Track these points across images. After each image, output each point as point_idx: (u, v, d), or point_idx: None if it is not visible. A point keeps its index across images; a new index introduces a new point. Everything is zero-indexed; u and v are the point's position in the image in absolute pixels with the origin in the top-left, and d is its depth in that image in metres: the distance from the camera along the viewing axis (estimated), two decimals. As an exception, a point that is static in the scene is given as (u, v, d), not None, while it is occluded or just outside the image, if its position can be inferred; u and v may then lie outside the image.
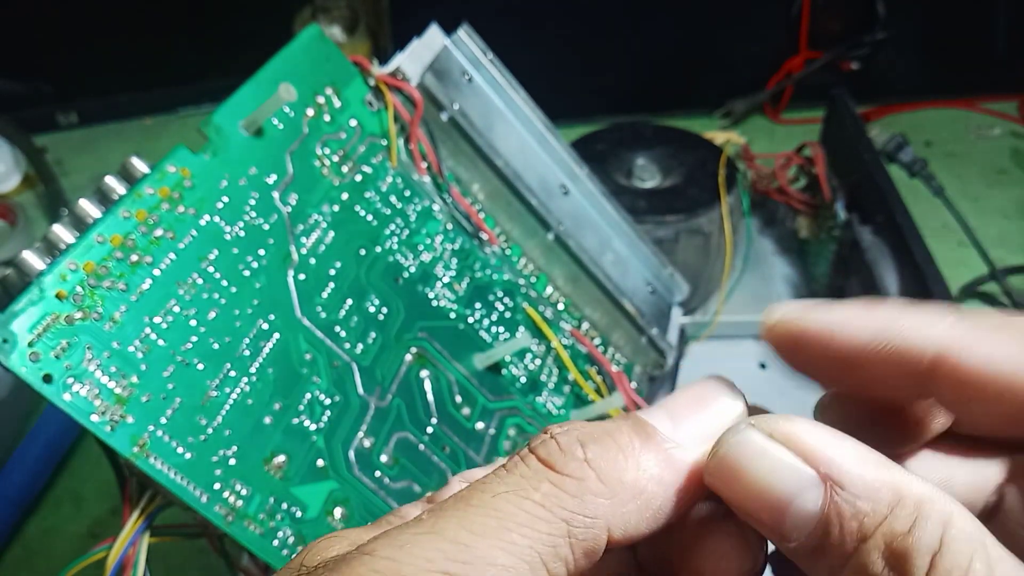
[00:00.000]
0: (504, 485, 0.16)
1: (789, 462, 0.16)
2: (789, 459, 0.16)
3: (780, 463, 0.16)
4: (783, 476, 0.16)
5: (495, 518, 0.15)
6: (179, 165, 0.33)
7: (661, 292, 0.59)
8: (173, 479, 0.30)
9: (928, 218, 0.72)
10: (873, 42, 0.85)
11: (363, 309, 0.40)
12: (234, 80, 0.36)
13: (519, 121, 0.50)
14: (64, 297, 0.28)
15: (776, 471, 0.16)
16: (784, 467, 0.16)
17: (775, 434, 0.16)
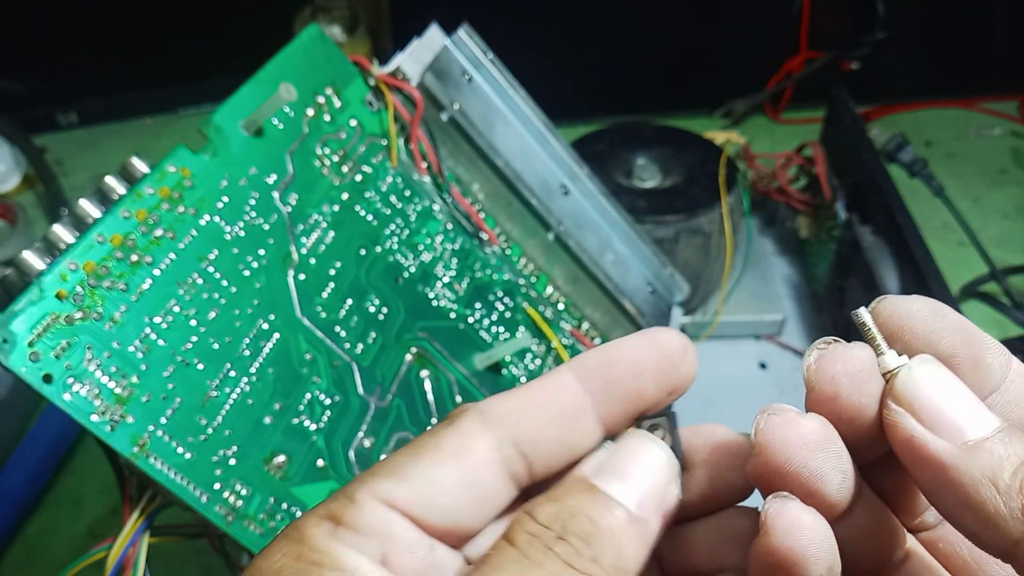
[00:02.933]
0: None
1: (971, 392, 0.18)
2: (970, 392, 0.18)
3: (967, 390, 0.18)
4: (970, 396, 0.18)
5: None
6: (179, 165, 0.33)
7: (661, 292, 0.59)
8: (173, 479, 0.30)
9: (928, 218, 0.72)
10: (873, 42, 0.85)
11: (363, 309, 0.40)
12: (234, 80, 0.36)
13: (519, 121, 0.50)
14: (64, 297, 0.28)
15: (964, 391, 0.18)
16: (971, 392, 0.18)
17: None
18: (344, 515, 0.19)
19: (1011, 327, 0.61)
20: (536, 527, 0.18)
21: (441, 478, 0.20)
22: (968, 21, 0.90)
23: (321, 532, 0.19)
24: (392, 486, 0.20)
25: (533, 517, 0.19)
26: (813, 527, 0.18)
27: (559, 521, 0.18)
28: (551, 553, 0.18)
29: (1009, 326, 0.61)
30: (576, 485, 0.20)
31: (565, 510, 0.19)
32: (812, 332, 0.68)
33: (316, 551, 0.19)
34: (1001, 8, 0.88)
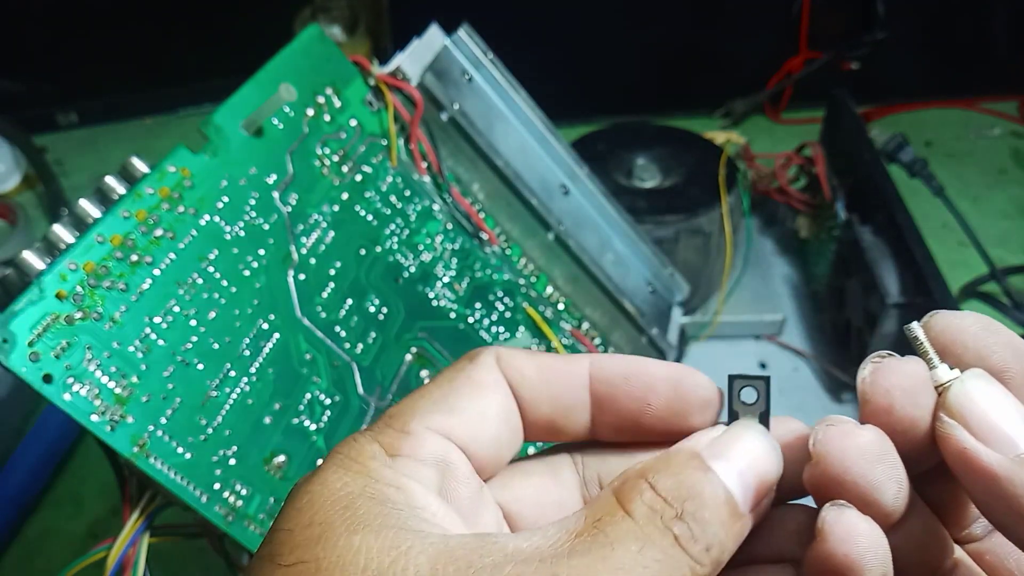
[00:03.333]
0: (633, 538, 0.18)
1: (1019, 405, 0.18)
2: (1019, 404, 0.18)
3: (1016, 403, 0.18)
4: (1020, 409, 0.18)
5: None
6: (179, 165, 0.33)
7: (661, 292, 0.59)
8: (173, 479, 0.30)
9: (928, 218, 0.72)
10: (873, 42, 0.85)
11: (363, 309, 0.40)
12: (234, 80, 0.36)
13: (519, 121, 0.50)
14: (64, 297, 0.28)
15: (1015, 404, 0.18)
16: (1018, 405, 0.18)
17: None
18: (402, 446, 0.20)
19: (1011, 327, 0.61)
20: (656, 500, 0.18)
21: (486, 409, 0.21)
22: (968, 21, 0.90)
23: (383, 464, 0.19)
24: (443, 418, 0.20)
25: (654, 487, 0.18)
26: (869, 535, 0.18)
27: (679, 499, 0.18)
28: (669, 533, 0.18)
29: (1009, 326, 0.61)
30: (692, 461, 0.19)
31: (685, 488, 0.18)
32: (812, 332, 0.68)
33: (384, 483, 0.19)
34: (1001, 8, 0.88)
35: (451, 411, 0.21)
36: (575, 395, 0.22)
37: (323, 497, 0.18)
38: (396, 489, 0.19)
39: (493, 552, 0.17)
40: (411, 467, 0.19)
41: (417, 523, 0.18)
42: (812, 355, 0.66)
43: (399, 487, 0.19)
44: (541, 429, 0.22)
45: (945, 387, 0.19)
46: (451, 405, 0.21)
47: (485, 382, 0.21)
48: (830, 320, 0.66)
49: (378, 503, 0.18)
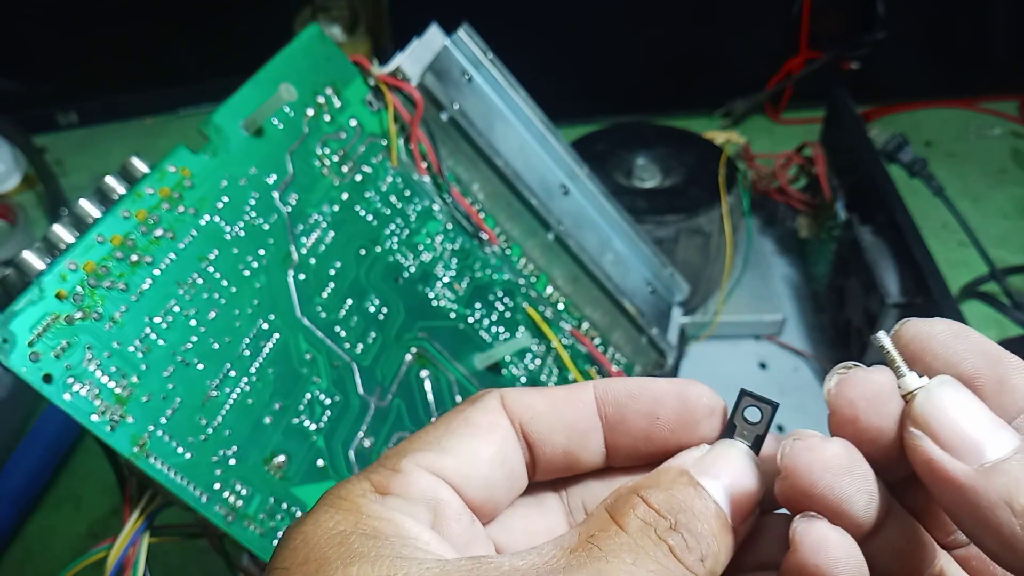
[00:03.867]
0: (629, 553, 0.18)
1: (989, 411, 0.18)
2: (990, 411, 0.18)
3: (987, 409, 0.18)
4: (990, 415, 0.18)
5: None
6: (179, 165, 0.33)
7: (661, 292, 0.59)
8: (173, 479, 0.30)
9: (928, 218, 0.72)
10: (873, 42, 0.85)
11: (363, 309, 0.40)
12: (234, 80, 0.36)
13: (519, 121, 0.50)
14: (64, 297, 0.28)
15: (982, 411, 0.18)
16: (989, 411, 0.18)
17: None
18: (391, 484, 0.20)
19: (1011, 327, 0.61)
20: (649, 513, 0.18)
21: (479, 450, 0.21)
22: (968, 21, 0.90)
23: (372, 501, 0.19)
24: (435, 457, 0.20)
25: (646, 501, 0.19)
26: (839, 545, 0.18)
27: (672, 511, 0.18)
28: (663, 545, 0.18)
29: (1009, 326, 0.61)
30: (681, 477, 0.20)
31: (676, 501, 0.19)
32: (812, 332, 0.68)
33: (375, 518, 0.19)
34: (1001, 8, 0.88)
35: (443, 451, 0.21)
36: (587, 421, 0.22)
37: (316, 536, 0.18)
38: (387, 522, 0.19)
39: (490, 571, 0.17)
40: (401, 504, 0.19)
41: (411, 551, 0.18)
42: (812, 355, 0.66)
43: (389, 520, 0.19)
44: (559, 462, 0.22)
45: (911, 395, 0.19)
46: (443, 446, 0.21)
47: (480, 424, 0.21)
48: (830, 320, 0.66)
49: (370, 537, 0.18)
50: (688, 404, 0.22)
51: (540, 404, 0.22)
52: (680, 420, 0.22)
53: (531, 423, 0.22)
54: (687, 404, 0.22)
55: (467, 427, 0.21)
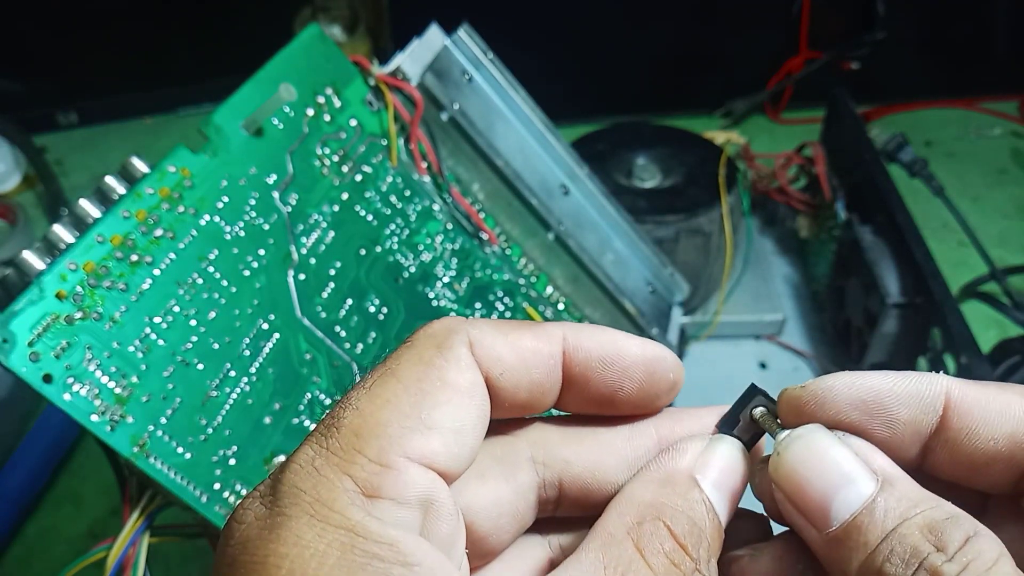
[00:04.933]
0: None
1: (849, 457, 0.18)
2: (849, 455, 0.18)
3: (843, 457, 0.18)
4: (842, 468, 0.18)
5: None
6: (179, 165, 0.33)
7: (661, 292, 0.59)
8: (173, 479, 0.30)
9: (928, 218, 0.72)
10: (873, 42, 0.85)
11: (363, 309, 0.40)
12: (234, 80, 0.36)
13: (519, 121, 0.50)
14: (64, 297, 0.28)
15: (837, 463, 0.18)
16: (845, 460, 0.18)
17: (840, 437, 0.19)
18: (382, 485, 0.17)
19: (1011, 327, 0.61)
20: (676, 551, 0.18)
21: (464, 420, 0.19)
22: (968, 21, 0.90)
23: (363, 512, 0.16)
24: (423, 441, 0.18)
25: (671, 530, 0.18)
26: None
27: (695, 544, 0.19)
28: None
29: (1009, 326, 0.61)
30: (691, 492, 0.19)
31: (697, 530, 0.19)
32: (812, 332, 0.68)
33: (371, 540, 0.16)
34: (1001, 8, 0.88)
35: (429, 428, 0.18)
36: (552, 378, 0.21)
37: (303, 563, 0.15)
38: (386, 546, 0.16)
39: None
40: (395, 512, 0.17)
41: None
42: (812, 355, 0.66)
43: (391, 543, 0.16)
44: (514, 411, 0.21)
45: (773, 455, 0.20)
46: (427, 420, 0.18)
47: (459, 386, 0.19)
48: (830, 320, 0.66)
49: (365, 568, 0.16)
50: (655, 380, 0.21)
51: (509, 357, 0.20)
52: (643, 394, 0.21)
53: (500, 379, 0.20)
54: (654, 380, 0.21)
55: (446, 391, 0.18)
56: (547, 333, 0.21)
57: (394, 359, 0.19)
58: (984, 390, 0.19)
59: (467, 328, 0.20)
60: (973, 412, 0.19)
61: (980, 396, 0.19)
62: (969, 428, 0.19)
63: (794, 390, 0.20)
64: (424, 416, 0.18)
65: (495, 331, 0.20)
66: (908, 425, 0.19)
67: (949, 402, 0.19)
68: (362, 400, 0.18)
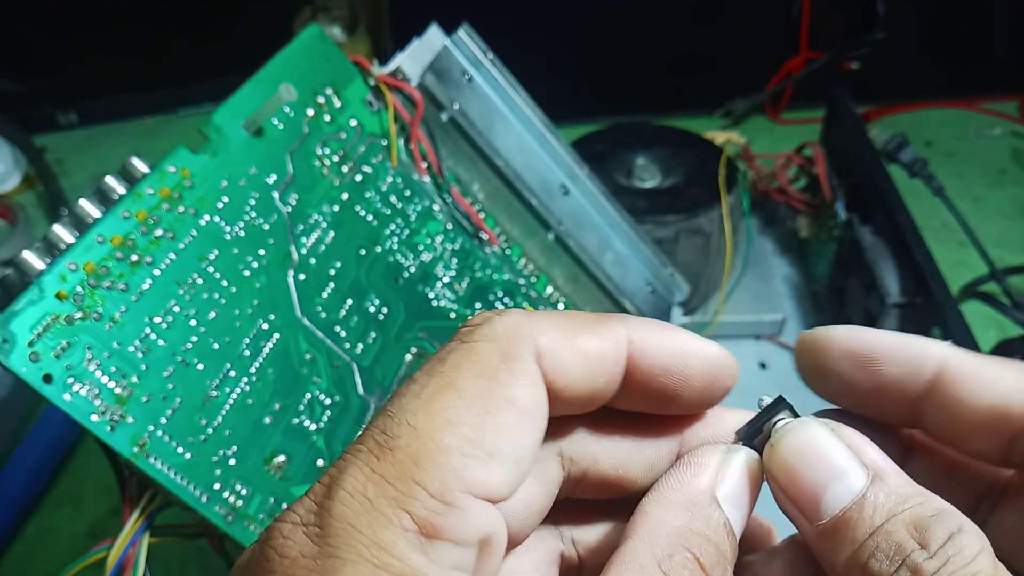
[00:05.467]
0: None
1: (842, 450, 0.19)
2: (841, 448, 0.19)
3: (835, 449, 0.19)
4: (834, 460, 0.18)
5: None
6: (179, 165, 0.33)
7: (661, 292, 0.59)
8: (173, 479, 0.30)
9: (928, 218, 0.72)
10: (873, 42, 0.85)
11: (363, 309, 0.40)
12: (234, 80, 0.36)
13: (519, 121, 0.50)
14: (64, 297, 0.28)
15: (829, 455, 0.19)
16: (837, 453, 0.19)
17: (834, 428, 0.19)
18: (444, 527, 0.15)
19: (1011, 327, 0.61)
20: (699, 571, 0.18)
21: (526, 446, 0.17)
22: (968, 21, 0.90)
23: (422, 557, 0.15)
24: (486, 474, 0.16)
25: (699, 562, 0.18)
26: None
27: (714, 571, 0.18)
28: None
29: (1009, 326, 0.61)
30: (714, 513, 0.19)
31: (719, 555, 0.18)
32: (812, 332, 0.68)
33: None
34: (1001, 8, 0.88)
35: (491, 457, 0.16)
36: (612, 384, 0.20)
37: None
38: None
39: None
40: (453, 555, 0.15)
41: None
42: (812, 355, 0.66)
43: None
44: (562, 413, 0.20)
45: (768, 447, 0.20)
46: (490, 448, 0.16)
47: (526, 407, 0.17)
48: (830, 320, 0.66)
49: None
50: (713, 387, 0.21)
51: (576, 369, 0.18)
52: (699, 401, 0.21)
53: (563, 391, 0.18)
54: (712, 387, 0.20)
55: (512, 413, 0.17)
56: (613, 334, 0.19)
57: (452, 365, 0.17)
58: (981, 362, 0.19)
59: (534, 334, 0.18)
60: (964, 380, 0.19)
61: (975, 367, 0.19)
62: (956, 396, 0.19)
63: (806, 333, 0.21)
64: (488, 443, 0.16)
65: (562, 336, 0.18)
66: (892, 383, 0.20)
67: (944, 369, 0.19)
68: (419, 415, 0.16)
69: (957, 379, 0.19)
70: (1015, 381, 0.19)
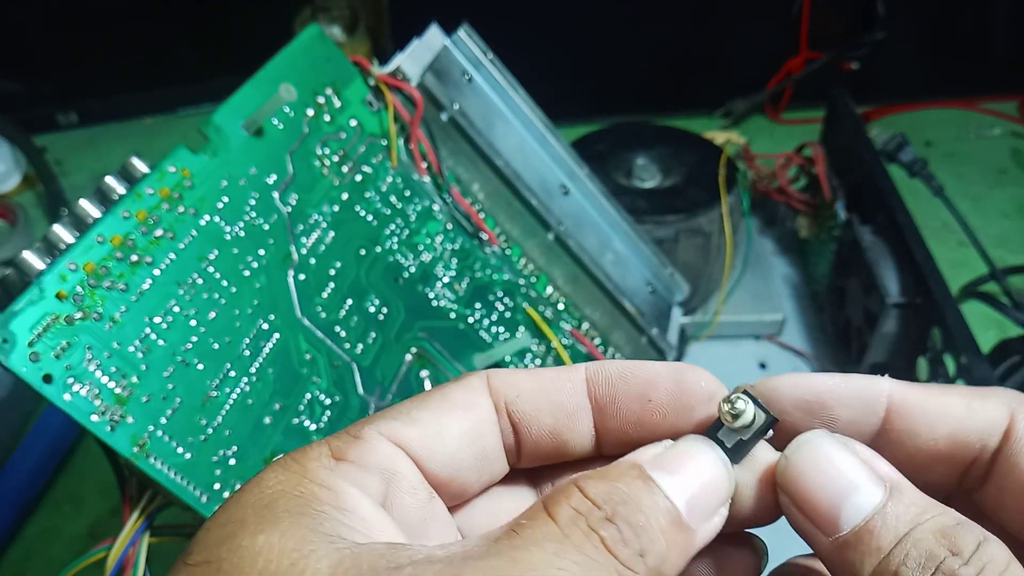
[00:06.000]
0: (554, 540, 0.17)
1: (856, 464, 0.19)
2: (856, 462, 0.19)
3: (849, 463, 0.19)
4: (849, 474, 0.18)
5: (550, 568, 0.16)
6: (179, 165, 0.33)
7: (661, 292, 0.59)
8: (173, 479, 0.30)
9: (928, 218, 0.72)
10: (873, 42, 0.85)
11: (363, 309, 0.40)
12: (234, 80, 0.36)
13: (519, 121, 0.50)
14: (64, 297, 0.28)
15: (844, 469, 0.19)
16: (852, 467, 0.19)
17: (846, 443, 0.19)
18: (348, 450, 0.19)
19: (1011, 327, 0.61)
20: (584, 503, 0.17)
21: (448, 425, 0.20)
22: (968, 21, 0.90)
23: (322, 465, 0.19)
24: (398, 426, 0.20)
25: (582, 490, 0.18)
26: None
27: (610, 503, 0.17)
28: (594, 536, 0.17)
29: (1009, 326, 0.61)
30: (631, 471, 0.18)
31: (618, 493, 0.18)
32: (812, 332, 0.68)
33: (316, 483, 0.18)
34: (1001, 8, 0.88)
35: (410, 421, 0.20)
36: (576, 401, 0.21)
37: (250, 495, 0.18)
38: (327, 490, 0.18)
39: (402, 558, 0.16)
40: (353, 473, 0.19)
41: (334, 526, 0.17)
42: (812, 355, 0.66)
43: (330, 488, 0.18)
44: (546, 445, 0.21)
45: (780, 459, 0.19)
46: (412, 416, 0.20)
47: (456, 400, 0.21)
48: (830, 320, 0.66)
49: (302, 502, 0.17)
50: (683, 387, 0.21)
51: (526, 383, 0.21)
52: (675, 404, 0.21)
53: (516, 401, 0.21)
54: (682, 386, 0.21)
55: (442, 401, 0.21)
56: (568, 367, 0.22)
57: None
58: (925, 392, 0.20)
59: (491, 370, 0.21)
60: (914, 413, 0.20)
61: (920, 398, 0.20)
62: (910, 429, 0.20)
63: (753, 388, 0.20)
64: (412, 414, 0.20)
65: (517, 369, 0.22)
66: (849, 426, 0.20)
67: (891, 404, 0.20)
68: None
69: (907, 413, 0.20)
70: (962, 409, 0.19)
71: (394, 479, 0.19)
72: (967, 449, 0.20)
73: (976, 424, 0.20)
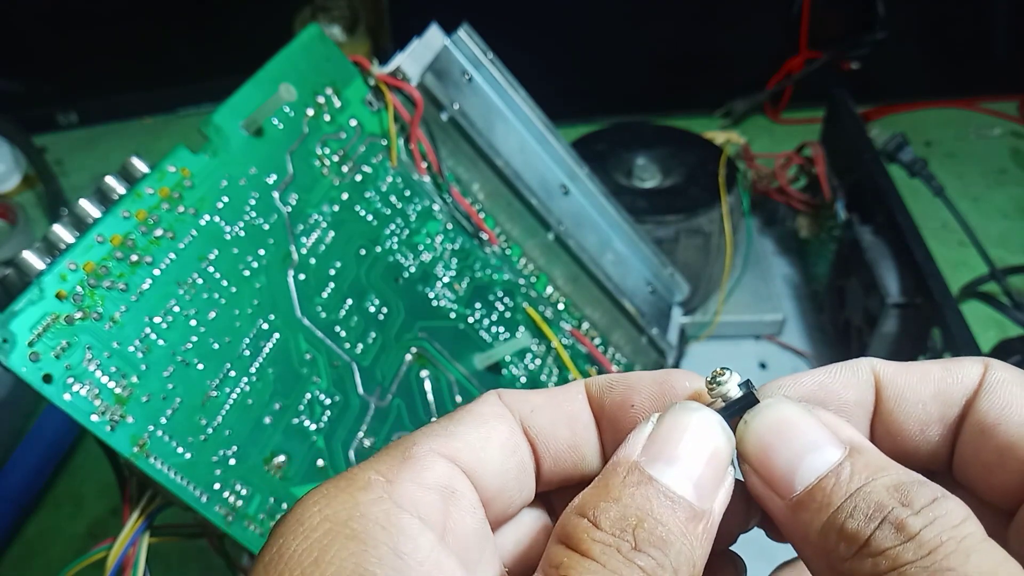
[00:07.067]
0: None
1: (816, 425, 0.18)
2: (815, 423, 0.18)
3: (809, 425, 0.18)
4: (809, 435, 0.18)
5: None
6: (179, 165, 0.33)
7: (661, 292, 0.59)
8: (173, 479, 0.30)
9: (928, 218, 0.72)
10: (873, 42, 0.85)
11: (363, 309, 0.40)
12: (234, 80, 0.36)
13: (519, 121, 0.50)
14: (64, 297, 0.28)
15: (804, 430, 0.18)
16: (811, 428, 0.18)
17: (807, 407, 0.19)
18: (402, 471, 0.18)
19: (1011, 327, 0.61)
20: (607, 537, 0.17)
21: (490, 436, 0.20)
22: (968, 21, 0.90)
23: (376, 496, 0.17)
24: (446, 442, 0.19)
25: (597, 525, 0.17)
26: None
27: (628, 528, 0.17)
28: (635, 567, 0.17)
29: (1009, 326, 0.61)
30: (631, 476, 0.18)
31: (631, 514, 0.17)
32: (812, 332, 0.68)
33: (369, 519, 0.17)
34: (1001, 8, 0.88)
35: (453, 436, 0.19)
36: (586, 414, 0.21)
37: (292, 538, 0.17)
38: (382, 529, 0.17)
39: None
40: (411, 493, 0.18)
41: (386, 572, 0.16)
42: (812, 355, 0.66)
43: (385, 526, 0.17)
44: (565, 460, 0.21)
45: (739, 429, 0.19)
46: (452, 432, 0.20)
47: (486, 414, 0.21)
48: (830, 320, 0.66)
49: (356, 548, 0.16)
50: (665, 388, 0.20)
51: (537, 398, 0.21)
52: (656, 406, 0.20)
53: (531, 416, 0.21)
54: (664, 388, 0.20)
55: (474, 417, 0.20)
56: (568, 384, 0.22)
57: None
58: (906, 365, 0.20)
59: (499, 390, 0.22)
60: (898, 381, 0.20)
61: (903, 368, 0.20)
62: (899, 396, 0.20)
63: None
64: (451, 430, 0.20)
65: (524, 390, 0.22)
66: (857, 405, 0.20)
67: (877, 377, 0.20)
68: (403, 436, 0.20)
69: (891, 382, 0.20)
70: (940, 370, 0.20)
71: (453, 498, 0.19)
72: (952, 407, 0.20)
73: (955, 380, 0.20)
